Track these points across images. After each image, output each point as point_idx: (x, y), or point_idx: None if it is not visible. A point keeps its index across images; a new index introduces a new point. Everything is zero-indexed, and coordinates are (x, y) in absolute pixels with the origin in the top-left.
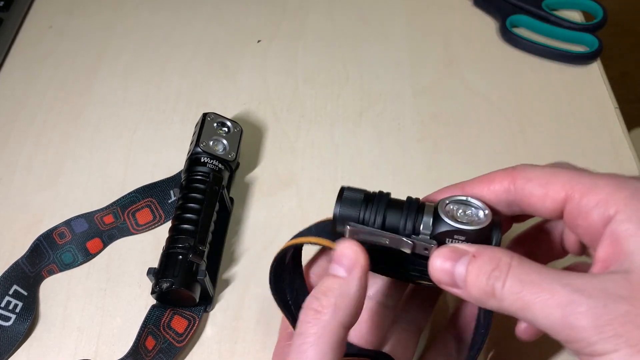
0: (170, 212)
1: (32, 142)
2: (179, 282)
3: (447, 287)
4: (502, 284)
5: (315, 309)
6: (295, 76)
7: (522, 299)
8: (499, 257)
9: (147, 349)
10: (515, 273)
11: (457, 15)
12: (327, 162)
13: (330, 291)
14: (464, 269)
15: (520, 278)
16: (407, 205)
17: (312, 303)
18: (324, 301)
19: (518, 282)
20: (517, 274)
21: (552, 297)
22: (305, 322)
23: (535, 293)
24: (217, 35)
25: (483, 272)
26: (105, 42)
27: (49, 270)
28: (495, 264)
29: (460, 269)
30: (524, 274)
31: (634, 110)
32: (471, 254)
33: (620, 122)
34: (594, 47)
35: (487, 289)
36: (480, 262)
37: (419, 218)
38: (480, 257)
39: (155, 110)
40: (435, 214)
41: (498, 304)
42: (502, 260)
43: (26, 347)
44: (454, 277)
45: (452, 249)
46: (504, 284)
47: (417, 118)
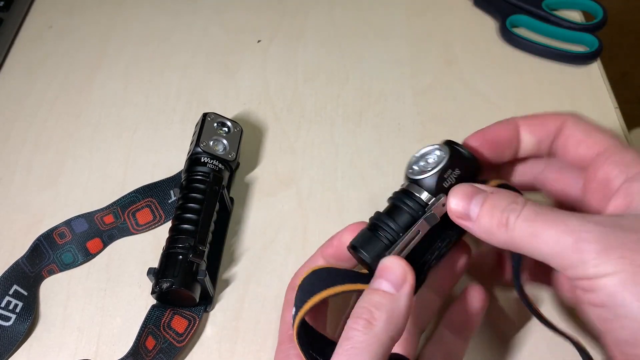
0: (170, 212)
1: (32, 142)
2: (179, 282)
3: (458, 219)
4: (516, 214)
5: (367, 319)
6: (295, 76)
7: (535, 226)
8: (515, 195)
9: (147, 349)
10: (530, 207)
11: (457, 15)
12: (327, 162)
13: (381, 306)
14: (480, 201)
15: (535, 210)
16: (398, 199)
17: (362, 313)
18: (375, 314)
19: (533, 212)
20: (532, 207)
21: (565, 225)
22: (354, 329)
23: (550, 221)
24: (217, 35)
25: (499, 204)
26: (105, 42)
27: (49, 270)
28: (512, 199)
29: (477, 202)
30: (540, 208)
31: (634, 110)
32: (488, 192)
33: (620, 122)
34: (594, 47)
35: (501, 219)
36: (497, 196)
37: (415, 196)
38: (498, 193)
39: (155, 110)
40: (417, 181)
41: (508, 234)
42: (518, 197)
43: (26, 347)
44: (469, 209)
45: (471, 186)
46: (519, 214)
47: (417, 118)
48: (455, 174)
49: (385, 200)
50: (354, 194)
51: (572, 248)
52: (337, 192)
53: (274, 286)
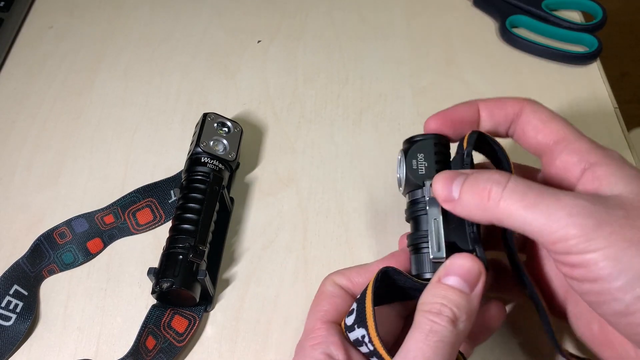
0: (170, 212)
1: (32, 142)
2: (180, 282)
3: (443, 201)
4: (502, 186)
5: (450, 317)
6: (295, 76)
7: (528, 199)
8: (497, 171)
9: (147, 349)
10: (517, 179)
11: (457, 15)
12: (327, 162)
13: (462, 306)
14: (462, 180)
15: (523, 182)
16: (408, 215)
17: (444, 310)
18: (457, 313)
19: (523, 185)
20: (519, 180)
21: (557, 200)
22: (439, 324)
23: (541, 195)
24: (217, 35)
25: (480, 180)
26: (105, 42)
27: (50, 270)
28: (493, 174)
29: (458, 182)
30: (528, 182)
31: (634, 110)
32: (470, 173)
33: (620, 122)
34: (594, 47)
35: (483, 193)
36: (478, 173)
37: (410, 200)
38: (479, 172)
39: (155, 110)
40: (404, 189)
41: (494, 205)
42: (502, 172)
43: (26, 347)
44: (451, 190)
45: (453, 171)
46: (505, 186)
47: (417, 118)
48: (420, 158)
49: (386, 199)
50: (354, 194)
51: (564, 222)
52: (337, 192)
53: (274, 286)
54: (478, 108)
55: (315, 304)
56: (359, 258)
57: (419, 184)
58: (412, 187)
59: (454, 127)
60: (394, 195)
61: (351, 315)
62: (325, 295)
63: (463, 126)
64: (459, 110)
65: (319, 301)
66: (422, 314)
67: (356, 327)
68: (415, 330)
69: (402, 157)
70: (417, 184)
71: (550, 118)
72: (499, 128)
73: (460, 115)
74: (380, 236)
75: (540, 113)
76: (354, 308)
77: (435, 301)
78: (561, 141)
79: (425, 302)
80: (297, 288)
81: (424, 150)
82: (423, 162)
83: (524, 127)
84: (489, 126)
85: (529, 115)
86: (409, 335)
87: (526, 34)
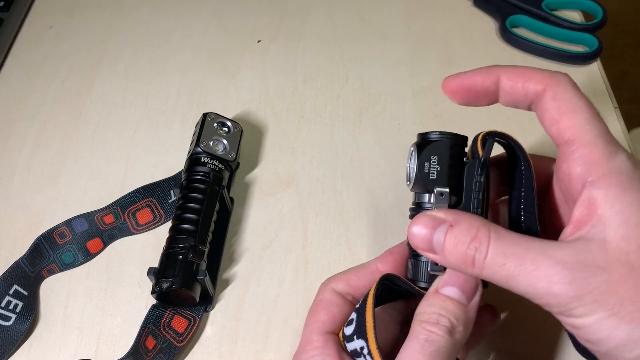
0: (170, 212)
1: (32, 142)
2: (179, 282)
3: (426, 253)
4: (483, 255)
5: (447, 327)
6: (295, 76)
7: (507, 270)
8: (476, 227)
9: (147, 349)
10: (496, 245)
11: (457, 15)
12: (327, 162)
13: (459, 317)
14: (442, 237)
15: (502, 250)
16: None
17: (442, 320)
18: (454, 323)
19: (501, 254)
20: (498, 246)
21: (536, 269)
22: (436, 333)
23: (520, 265)
24: (218, 35)
25: (461, 242)
26: (105, 42)
27: (50, 270)
28: (473, 233)
29: (439, 237)
30: (506, 246)
31: (634, 110)
32: (449, 223)
33: (620, 122)
34: (594, 47)
35: (466, 258)
36: (458, 231)
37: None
38: (457, 226)
39: (155, 110)
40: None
41: (478, 272)
42: (480, 230)
43: (26, 347)
44: (432, 244)
45: (430, 217)
46: (485, 255)
47: (417, 118)
48: (433, 161)
49: (386, 199)
50: (354, 194)
51: (546, 292)
52: (337, 192)
53: (274, 286)
54: (498, 77)
55: (312, 314)
56: (359, 258)
57: (428, 189)
58: (420, 190)
59: (467, 97)
60: (394, 195)
61: (350, 325)
62: (323, 305)
63: (478, 97)
64: (477, 79)
65: (315, 311)
66: (419, 323)
67: (355, 338)
68: (411, 340)
69: (414, 154)
70: (427, 189)
71: (569, 109)
72: (518, 104)
73: (477, 84)
74: (380, 236)
75: (560, 100)
76: (354, 318)
77: (433, 311)
78: (573, 142)
79: (423, 312)
80: (297, 288)
81: (438, 153)
82: (435, 166)
83: (542, 113)
84: (508, 100)
85: (549, 102)
86: (405, 344)
87: (526, 34)
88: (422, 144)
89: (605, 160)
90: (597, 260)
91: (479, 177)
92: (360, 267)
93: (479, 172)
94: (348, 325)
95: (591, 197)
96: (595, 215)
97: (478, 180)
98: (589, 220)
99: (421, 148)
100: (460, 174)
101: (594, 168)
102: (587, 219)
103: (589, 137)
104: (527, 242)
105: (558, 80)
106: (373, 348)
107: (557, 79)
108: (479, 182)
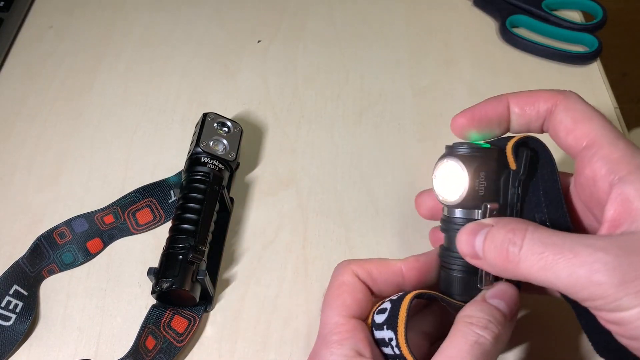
0: (170, 212)
1: (32, 142)
2: (179, 282)
3: (471, 259)
4: (518, 247)
5: (496, 333)
6: (295, 76)
7: (545, 260)
8: (513, 224)
9: (147, 349)
10: (533, 237)
11: (457, 15)
12: (327, 162)
13: (503, 327)
14: (483, 238)
15: (540, 240)
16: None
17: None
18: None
19: (539, 243)
20: (536, 237)
21: (575, 256)
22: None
23: (559, 253)
24: (218, 35)
25: (498, 237)
26: (105, 42)
27: (50, 270)
28: (509, 228)
29: (480, 239)
30: (544, 237)
31: (634, 110)
32: (490, 225)
33: (620, 122)
34: (594, 47)
35: (502, 252)
36: (496, 229)
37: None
38: (496, 225)
39: (155, 110)
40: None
41: (514, 267)
42: (517, 227)
43: (26, 347)
44: (475, 248)
45: (476, 223)
46: (521, 246)
47: (417, 118)
48: (482, 177)
49: (386, 199)
50: (354, 194)
51: (587, 282)
52: (337, 192)
53: (274, 286)
54: (508, 104)
55: (335, 296)
56: (359, 258)
57: (475, 205)
58: (467, 207)
59: (481, 126)
60: (394, 195)
61: (382, 315)
62: (347, 288)
63: (491, 125)
64: (488, 108)
65: (339, 293)
66: (466, 325)
67: (385, 328)
68: (458, 339)
69: (460, 170)
70: (474, 205)
71: (583, 117)
72: (531, 125)
73: (489, 113)
74: (380, 236)
75: (573, 111)
76: (387, 308)
77: (483, 316)
78: (592, 146)
79: (472, 315)
80: (297, 288)
81: (486, 169)
82: (483, 182)
83: (556, 126)
84: (521, 124)
85: (561, 114)
86: (450, 343)
87: (526, 34)
88: (467, 159)
89: (630, 157)
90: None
91: (516, 189)
92: (382, 261)
93: (517, 184)
94: (379, 314)
95: (622, 193)
96: (632, 210)
97: (516, 192)
98: (627, 216)
99: (469, 164)
100: (499, 186)
101: (620, 166)
102: (623, 215)
103: (608, 139)
104: (564, 234)
105: (567, 95)
106: (402, 341)
107: (566, 94)
108: (516, 195)
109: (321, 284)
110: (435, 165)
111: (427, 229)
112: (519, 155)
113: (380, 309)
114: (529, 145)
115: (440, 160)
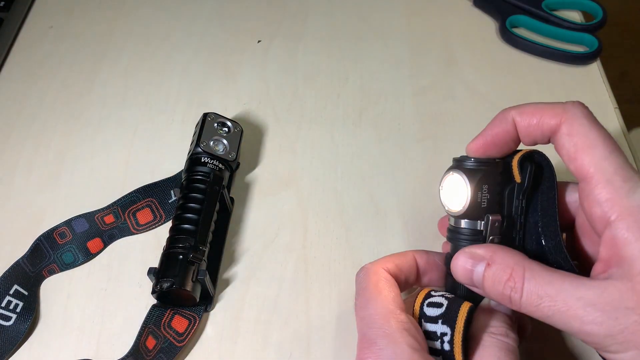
0: (170, 212)
1: (32, 142)
2: (180, 282)
3: (468, 286)
4: (519, 295)
5: (514, 337)
6: (295, 76)
7: (541, 311)
8: (511, 267)
9: (147, 349)
10: (530, 286)
11: (457, 15)
12: (327, 162)
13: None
14: (481, 274)
15: (536, 292)
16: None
17: (509, 332)
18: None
19: (535, 296)
20: (532, 287)
21: (568, 310)
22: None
23: (553, 307)
24: (218, 35)
25: (498, 281)
26: (106, 42)
27: (50, 270)
28: (508, 273)
29: (478, 274)
30: (539, 287)
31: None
32: (486, 261)
33: (620, 122)
34: (594, 47)
35: (503, 297)
36: (495, 270)
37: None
38: (494, 265)
39: (155, 110)
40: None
41: (517, 309)
42: (514, 270)
43: (27, 347)
44: (473, 280)
45: (470, 254)
46: (521, 295)
47: (417, 118)
48: (484, 190)
49: (386, 199)
50: (354, 194)
51: (579, 332)
52: (337, 192)
53: (274, 286)
54: (513, 122)
55: (377, 292)
56: (359, 258)
57: (478, 216)
58: (469, 218)
59: (496, 148)
60: (394, 195)
61: (437, 308)
62: (385, 284)
63: (503, 146)
64: (497, 130)
65: (379, 290)
66: (491, 335)
67: (440, 322)
68: (488, 350)
69: (464, 183)
70: (477, 216)
71: (585, 145)
72: (537, 141)
73: (499, 135)
74: (380, 236)
75: (575, 136)
76: (443, 303)
77: (501, 325)
78: (590, 180)
79: (492, 326)
80: (297, 288)
81: (489, 182)
82: (486, 195)
83: (559, 149)
84: (527, 141)
85: (563, 139)
86: (480, 356)
87: (526, 34)
88: (470, 172)
89: (624, 198)
90: (625, 301)
91: (520, 202)
92: (400, 254)
93: (521, 197)
94: (434, 307)
95: (613, 237)
96: (619, 256)
97: (519, 205)
98: (616, 259)
99: (472, 177)
100: (502, 198)
101: (614, 208)
102: (613, 258)
103: (606, 176)
104: (559, 280)
105: (572, 113)
106: (457, 338)
107: (571, 111)
108: (520, 207)
109: (321, 284)
110: (442, 177)
111: (427, 229)
112: (524, 168)
113: (431, 302)
114: (535, 159)
115: (447, 172)
